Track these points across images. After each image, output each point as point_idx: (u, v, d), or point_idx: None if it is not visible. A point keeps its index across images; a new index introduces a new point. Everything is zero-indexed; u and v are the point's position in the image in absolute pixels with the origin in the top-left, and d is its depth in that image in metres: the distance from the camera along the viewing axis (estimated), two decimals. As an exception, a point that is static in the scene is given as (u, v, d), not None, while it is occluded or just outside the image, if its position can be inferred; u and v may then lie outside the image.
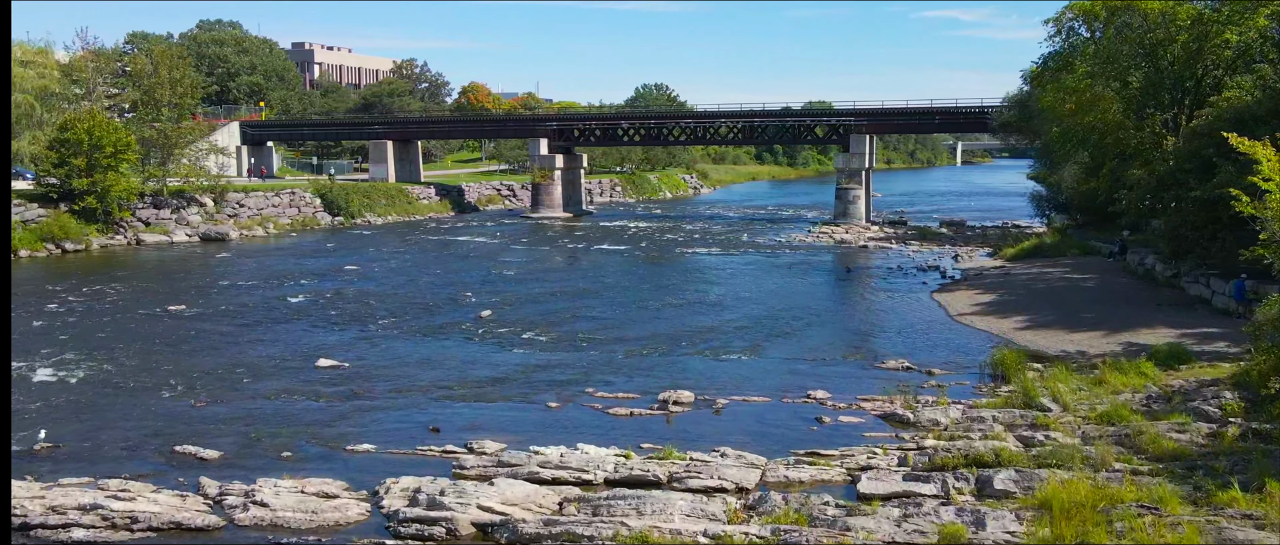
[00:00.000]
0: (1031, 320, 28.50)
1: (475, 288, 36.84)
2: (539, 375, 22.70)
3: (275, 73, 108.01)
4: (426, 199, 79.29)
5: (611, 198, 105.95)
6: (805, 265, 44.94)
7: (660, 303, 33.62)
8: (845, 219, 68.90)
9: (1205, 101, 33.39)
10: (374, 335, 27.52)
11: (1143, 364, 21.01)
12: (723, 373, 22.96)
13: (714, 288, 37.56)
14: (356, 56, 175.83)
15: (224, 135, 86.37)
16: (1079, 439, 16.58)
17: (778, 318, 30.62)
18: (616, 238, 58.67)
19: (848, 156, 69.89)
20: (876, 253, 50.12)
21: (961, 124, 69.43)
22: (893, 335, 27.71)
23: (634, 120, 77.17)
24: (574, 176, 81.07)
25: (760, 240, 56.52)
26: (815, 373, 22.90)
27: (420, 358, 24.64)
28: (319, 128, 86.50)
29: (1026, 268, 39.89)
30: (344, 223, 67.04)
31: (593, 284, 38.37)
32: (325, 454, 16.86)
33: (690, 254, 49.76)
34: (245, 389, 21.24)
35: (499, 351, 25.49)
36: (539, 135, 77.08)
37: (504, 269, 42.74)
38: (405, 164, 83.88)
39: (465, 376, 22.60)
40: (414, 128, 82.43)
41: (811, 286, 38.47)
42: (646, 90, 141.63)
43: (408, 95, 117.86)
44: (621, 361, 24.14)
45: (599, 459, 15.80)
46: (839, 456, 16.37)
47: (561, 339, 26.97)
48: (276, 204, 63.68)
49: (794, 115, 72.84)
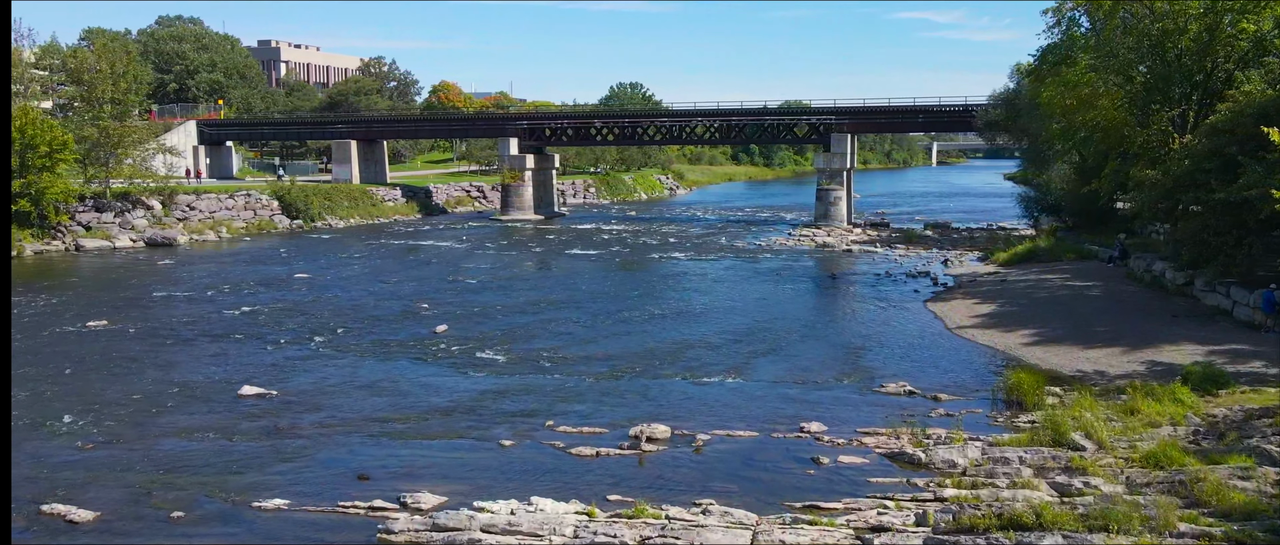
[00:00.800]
0: (1038, 334, 26.07)
1: (433, 298, 33.96)
2: (494, 404, 19.91)
3: (236, 70, 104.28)
4: (392, 201, 76.10)
5: (585, 199, 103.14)
6: (788, 271, 42.40)
7: (633, 315, 30.92)
8: (826, 221, 66.56)
9: (1217, 97, 31.17)
10: (312, 356, 24.61)
11: (1177, 389, 18.56)
12: (703, 400, 20.28)
13: (692, 297, 34.89)
14: (324, 55, 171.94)
15: (179, 135, 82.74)
16: (1123, 485, 14.06)
17: (762, 332, 27.98)
18: (589, 241, 55.90)
19: (828, 156, 67.54)
20: (861, 257, 47.69)
21: (945, 123, 67.34)
22: (888, 352, 25.16)
23: (608, 119, 74.43)
24: (546, 177, 78.21)
25: (739, 244, 53.95)
26: (806, 399, 20.27)
27: (361, 383, 21.76)
28: (280, 127, 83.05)
29: (1022, 274, 37.55)
30: (303, 226, 63.80)
31: (560, 294, 35.60)
32: (226, 512, 14.01)
33: (666, 259, 47.10)
34: (149, 425, 18.30)
35: (451, 375, 22.66)
36: (509, 135, 74.20)
37: (466, 277, 39.86)
38: (370, 165, 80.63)
39: (409, 406, 19.78)
40: (379, 127, 79.20)
41: (796, 295, 35.91)
42: (621, 89, 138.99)
43: (375, 94, 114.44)
44: (588, 387, 21.39)
45: (556, 519, 13.06)
46: (843, 511, 13.74)
47: (522, 359, 24.19)
48: (230, 207, 60.33)
49: (773, 114, 70.36)
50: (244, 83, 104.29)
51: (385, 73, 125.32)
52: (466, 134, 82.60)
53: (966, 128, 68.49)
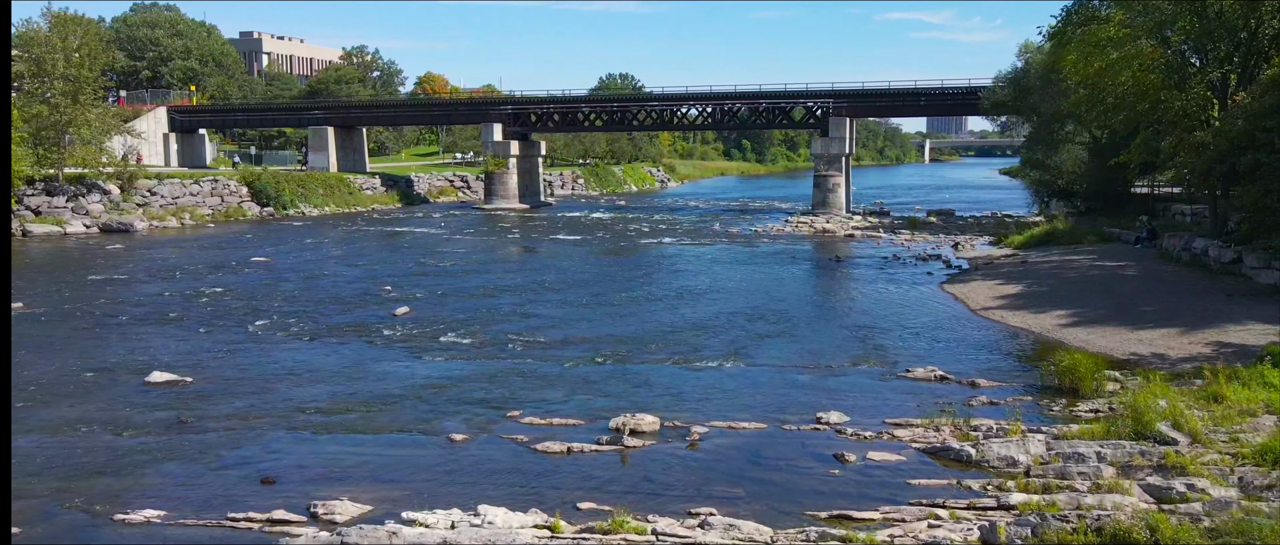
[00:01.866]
0: (1076, 314, 22.99)
1: (399, 280, 30.72)
2: (449, 392, 16.72)
3: (212, 57, 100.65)
4: (371, 190, 72.69)
5: (573, 190, 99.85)
6: (787, 255, 39.30)
7: (619, 298, 27.76)
8: (824, 209, 63.46)
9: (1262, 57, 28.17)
10: (246, 341, 21.36)
11: (1266, 371, 15.52)
12: (698, 387, 17.15)
13: (684, 279, 31.74)
14: (308, 47, 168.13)
15: (149, 121, 79.17)
16: (1236, 488, 10.99)
17: (765, 314, 24.84)
18: (575, 228, 52.69)
19: (826, 141, 64.44)
20: (864, 241, 44.62)
21: (948, 105, 64.42)
22: (909, 335, 22.05)
23: (596, 104, 71.16)
24: (531, 165, 74.94)
25: (734, 230, 50.86)
26: (822, 386, 17.15)
27: (296, 369, 18.54)
28: (254, 113, 79.53)
29: (1042, 256, 34.50)
30: (274, 214, 60.37)
31: (539, 277, 32.41)
32: (79, 525, 10.81)
33: (656, 244, 43.94)
34: (31, 418, 15.05)
35: (405, 360, 19.45)
36: (493, 120, 70.87)
37: (439, 261, 36.63)
38: (349, 153, 77.25)
39: (349, 395, 16.59)
40: (358, 113, 75.80)
41: (799, 278, 32.80)
42: (611, 80, 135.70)
43: (357, 84, 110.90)
44: (562, 373, 18.23)
45: (507, 536, 9.89)
46: (881, 522, 10.61)
47: (489, 343, 20.99)
48: (196, 193, 56.85)
49: (768, 97, 67.22)
50: (220, 71, 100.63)
51: (368, 62, 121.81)
52: (449, 120, 79.26)
53: (970, 111, 65.48)
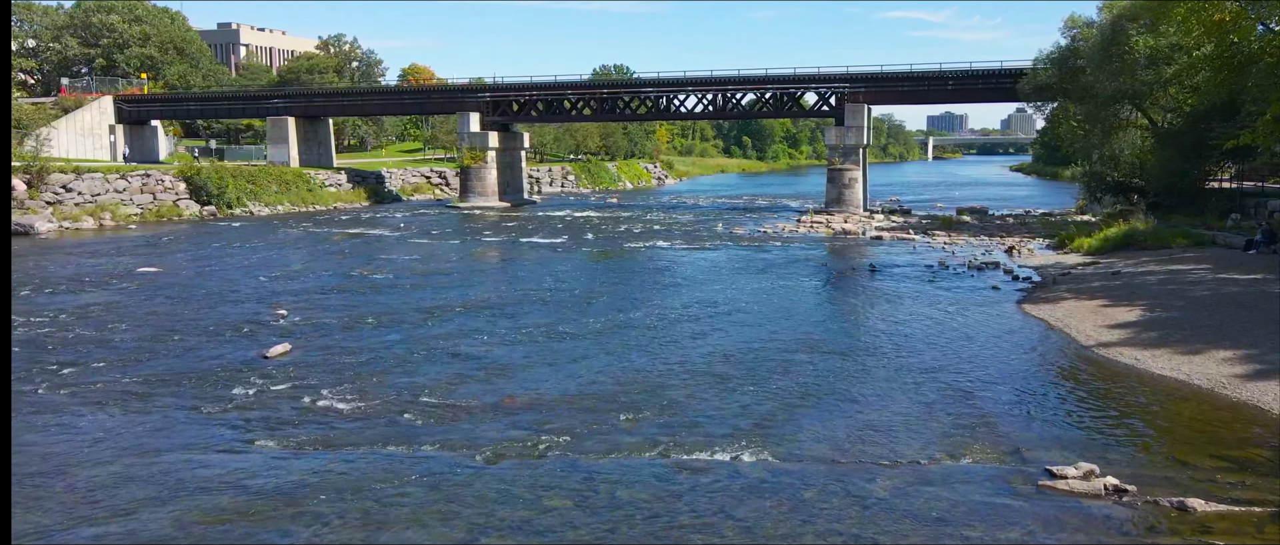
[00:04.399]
0: (1253, 355, 15.81)
1: (306, 299, 23.56)
2: (285, 523, 9.54)
3: (173, 44, 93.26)
4: (334, 186, 65.45)
5: (563, 187, 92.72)
6: (805, 262, 32.12)
7: (588, 327, 20.57)
8: (840, 206, 56.34)
9: None
10: (27, 398, 14.17)
11: None
12: (701, 513, 9.97)
13: (676, 297, 24.52)
14: (290, 39, 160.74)
15: (92, 112, 72.07)
16: None
17: (790, 355, 17.62)
18: (556, 229, 45.50)
19: (842, 131, 57.27)
20: (895, 245, 37.46)
21: (980, 90, 57.29)
22: (1014, 392, 14.82)
23: (584, 91, 63.95)
24: (513, 159, 67.75)
25: (739, 231, 43.67)
26: (912, 510, 9.97)
27: (36, 458, 11.35)
28: (208, 103, 72.29)
29: (1135, 264, 27.32)
30: (216, 214, 53.18)
31: (491, 294, 25.23)
32: None
33: (647, 248, 36.74)
34: None
35: (231, 446, 12.26)
36: (469, 109, 63.69)
37: (375, 270, 29.46)
38: (313, 146, 70.02)
39: (82, 517, 9.42)
40: (321, 102, 68.53)
41: (827, 293, 25.63)
42: (604, 71, 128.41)
43: (333, 74, 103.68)
44: (476, 482, 11.05)
45: None
46: None
47: (383, 412, 13.78)
48: (122, 189, 49.58)
49: (776, 83, 60.01)
50: (182, 58, 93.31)
51: (346, 52, 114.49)
52: (422, 109, 72.03)
53: (1006, 96, 58.19)
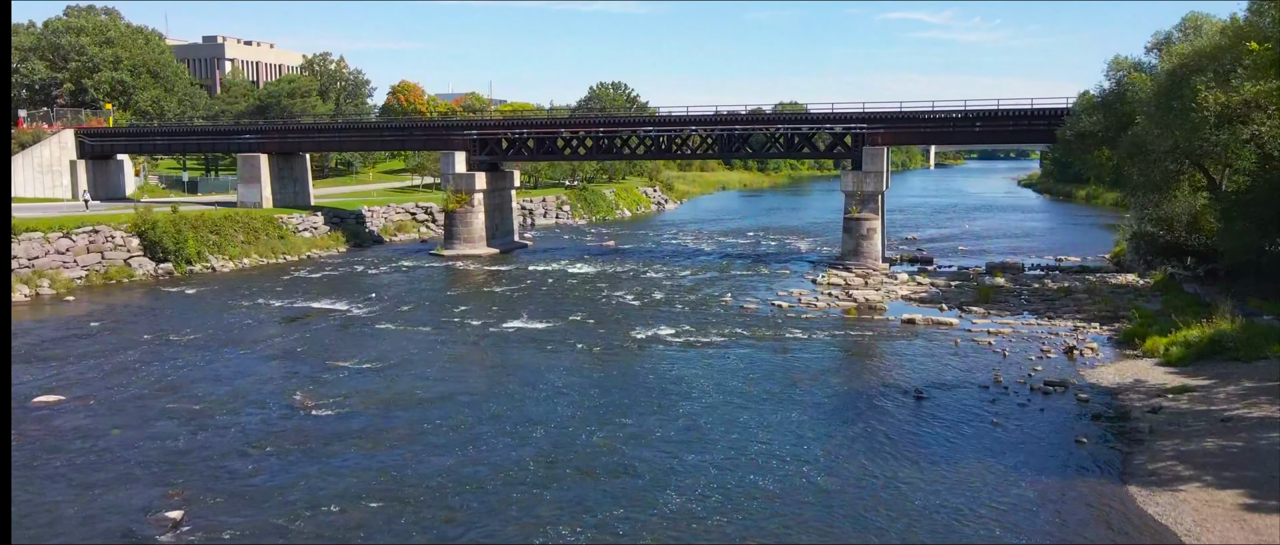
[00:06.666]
0: None
1: (214, 471, 18.74)
2: None
3: (146, 67, 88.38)
4: (309, 231, 60.57)
5: (557, 219, 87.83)
6: (836, 377, 27.28)
7: (562, 507, 15.74)
8: (857, 259, 51.66)
9: None
10: None
11: None
12: None
13: (675, 456, 19.67)
14: (276, 52, 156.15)
15: (51, 147, 67.23)
16: None
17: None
18: (542, 298, 40.55)
19: (860, 176, 52.53)
20: (933, 335, 32.65)
21: (1010, 133, 52.55)
22: None
23: (579, 128, 59.13)
24: (502, 199, 62.94)
25: (751, 306, 38.82)
26: None
27: None
28: (175, 137, 67.36)
29: (1235, 392, 22.56)
30: (173, 272, 48.36)
31: (448, 438, 20.39)
32: None
33: (649, 345, 31.84)
34: None
35: None
36: (454, 147, 58.93)
37: (318, 398, 24.56)
38: (287, 184, 65.15)
39: None
40: (296, 137, 63.63)
41: (866, 443, 20.77)
42: (602, 90, 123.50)
43: (316, 98, 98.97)
44: None
45: None
46: None
47: None
48: (64, 250, 44.70)
49: (786, 121, 55.21)
50: (156, 82, 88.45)
51: (331, 72, 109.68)
52: (403, 146, 67.18)
53: (1039, 138, 53.67)
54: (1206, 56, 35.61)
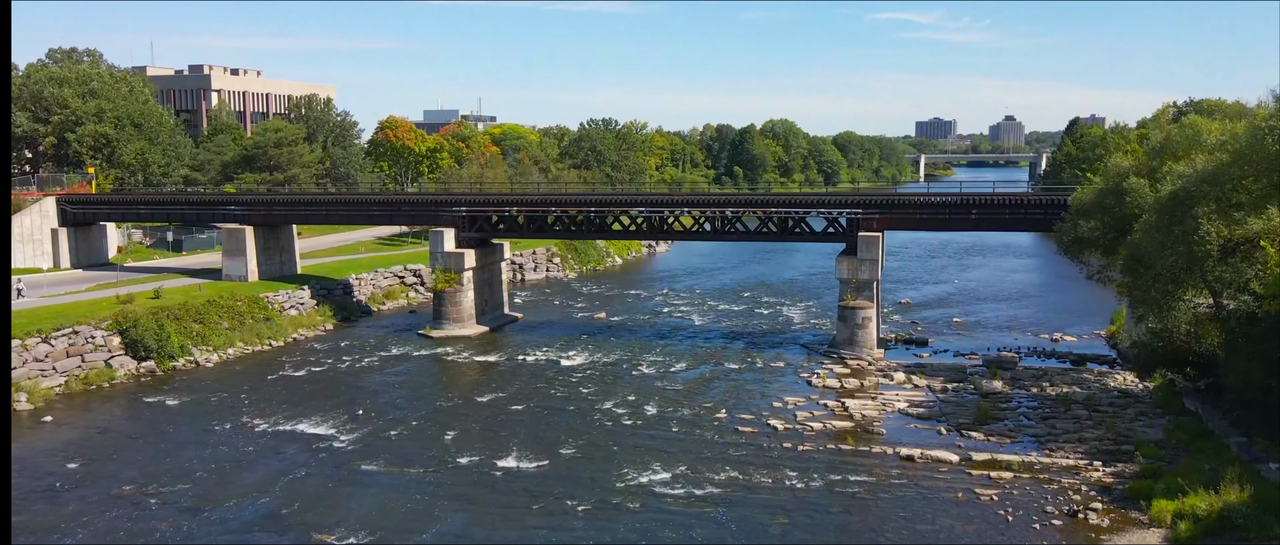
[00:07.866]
0: None
1: None
2: None
3: (130, 119, 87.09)
4: (296, 308, 59.57)
5: (547, 273, 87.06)
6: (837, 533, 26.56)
7: None
8: (852, 348, 51.12)
9: None
10: None
11: None
12: None
13: None
14: (264, 81, 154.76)
15: (33, 215, 66.23)
16: None
17: None
18: (532, 419, 39.54)
19: (855, 263, 51.92)
20: (931, 474, 32.01)
21: (1007, 220, 51.92)
22: None
23: (568, 207, 58.35)
24: (491, 274, 62.11)
25: (746, 426, 38.07)
26: None
27: None
28: (159, 206, 66.37)
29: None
30: (158, 368, 47.44)
31: None
32: None
33: (640, 497, 31.04)
34: None
35: None
36: (443, 224, 58.17)
37: None
38: (273, 254, 64.13)
39: None
40: (282, 210, 62.62)
41: None
42: (593, 128, 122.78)
43: (303, 145, 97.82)
44: None
45: None
46: None
47: None
48: (42, 357, 43.64)
49: (780, 206, 54.55)
50: (140, 134, 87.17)
51: (318, 115, 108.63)
52: (391, 220, 66.30)
53: (1035, 226, 53.32)
54: (1207, 181, 35.08)
